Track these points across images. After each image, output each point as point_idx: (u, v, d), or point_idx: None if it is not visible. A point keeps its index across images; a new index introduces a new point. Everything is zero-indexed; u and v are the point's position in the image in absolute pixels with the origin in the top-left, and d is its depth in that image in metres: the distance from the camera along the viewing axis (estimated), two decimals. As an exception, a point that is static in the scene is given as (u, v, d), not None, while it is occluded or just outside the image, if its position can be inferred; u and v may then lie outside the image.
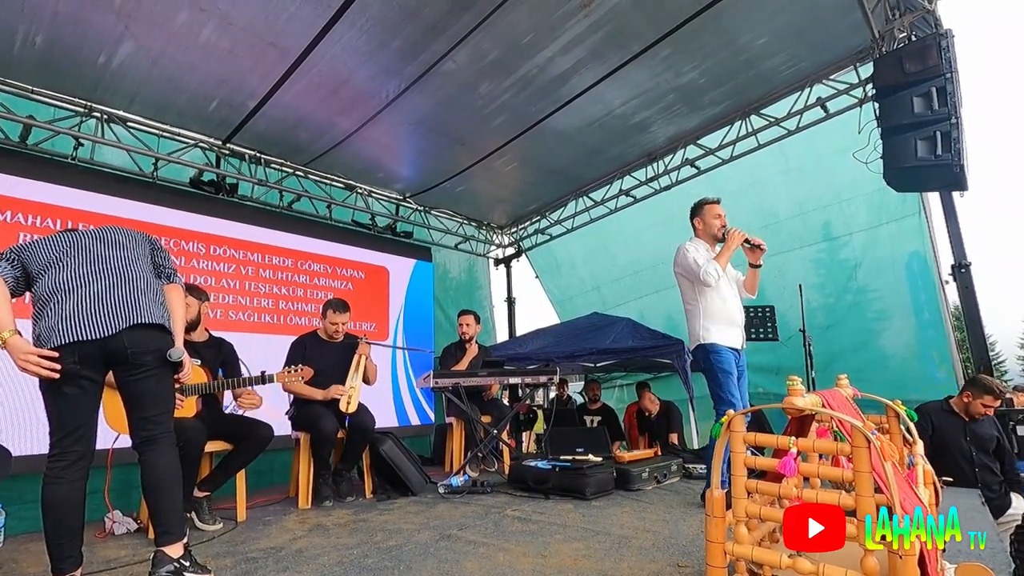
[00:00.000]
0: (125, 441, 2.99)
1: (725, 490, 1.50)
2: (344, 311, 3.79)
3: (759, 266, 3.26)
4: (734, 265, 3.38)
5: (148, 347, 2.02)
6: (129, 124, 4.32)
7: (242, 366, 3.42)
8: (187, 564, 1.96)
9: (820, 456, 1.84)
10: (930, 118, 3.34)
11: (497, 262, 8.09)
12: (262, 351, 5.00)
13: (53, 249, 2.07)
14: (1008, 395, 4.23)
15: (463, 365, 4.68)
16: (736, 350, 3.19)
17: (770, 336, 4.71)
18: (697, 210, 3.37)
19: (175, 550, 1.95)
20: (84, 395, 1.95)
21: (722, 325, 3.16)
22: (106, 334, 1.93)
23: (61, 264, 2.03)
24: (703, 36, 3.87)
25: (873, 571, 1.24)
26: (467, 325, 4.85)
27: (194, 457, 2.79)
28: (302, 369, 3.23)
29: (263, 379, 3.12)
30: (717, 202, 3.34)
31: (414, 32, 3.58)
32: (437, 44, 3.71)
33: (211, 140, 4.72)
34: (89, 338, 1.90)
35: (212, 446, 3.03)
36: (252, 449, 3.06)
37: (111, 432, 2.86)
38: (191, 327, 3.20)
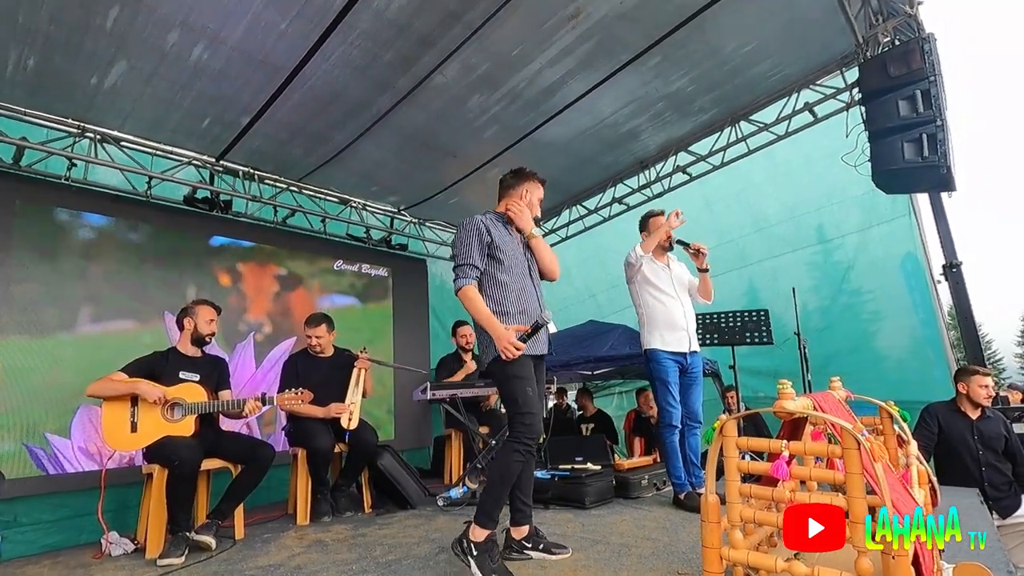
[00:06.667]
0: (118, 461, 2.98)
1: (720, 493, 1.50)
2: (315, 324, 3.78)
3: (706, 270, 3.36)
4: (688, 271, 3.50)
5: None
6: (122, 143, 4.33)
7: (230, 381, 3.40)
8: (528, 544, 2.33)
9: (817, 460, 1.84)
10: (916, 120, 3.37)
11: (493, 272, 8.08)
12: (258, 366, 5.00)
13: None
14: (1003, 393, 4.24)
15: (458, 379, 4.64)
16: (682, 354, 3.25)
17: (765, 340, 4.71)
18: (644, 223, 3.57)
19: (517, 532, 2.37)
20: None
21: (663, 330, 3.27)
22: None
23: None
24: (690, 45, 3.92)
25: (867, 572, 1.24)
26: (470, 335, 4.83)
27: (188, 475, 2.78)
28: (302, 393, 3.24)
29: (263, 401, 3.14)
30: (663, 213, 3.49)
31: (404, 46, 3.61)
32: (428, 57, 3.74)
33: (204, 157, 4.73)
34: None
35: (209, 464, 3.02)
36: (256, 473, 3.06)
37: (106, 451, 2.84)
38: (197, 342, 3.20)
